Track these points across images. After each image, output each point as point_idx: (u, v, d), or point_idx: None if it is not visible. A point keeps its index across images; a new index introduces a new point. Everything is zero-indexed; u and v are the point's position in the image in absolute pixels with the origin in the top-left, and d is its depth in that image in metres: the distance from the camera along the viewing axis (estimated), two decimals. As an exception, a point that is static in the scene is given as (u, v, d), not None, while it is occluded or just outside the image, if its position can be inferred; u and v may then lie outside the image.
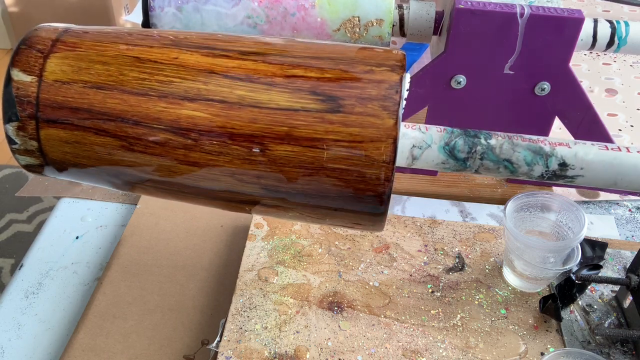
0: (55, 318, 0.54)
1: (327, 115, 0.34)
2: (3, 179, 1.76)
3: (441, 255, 0.56)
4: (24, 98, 0.36)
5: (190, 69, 0.35)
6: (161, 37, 0.37)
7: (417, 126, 0.38)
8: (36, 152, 0.37)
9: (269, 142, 0.34)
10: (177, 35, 0.38)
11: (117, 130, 0.36)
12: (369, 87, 0.34)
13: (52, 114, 0.36)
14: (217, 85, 0.35)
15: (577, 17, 0.54)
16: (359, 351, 0.48)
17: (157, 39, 0.37)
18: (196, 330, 0.51)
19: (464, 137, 0.37)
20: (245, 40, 0.37)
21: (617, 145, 0.37)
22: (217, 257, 0.58)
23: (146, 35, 0.38)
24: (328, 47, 0.37)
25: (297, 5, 0.54)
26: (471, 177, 0.68)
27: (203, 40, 0.37)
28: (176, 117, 0.35)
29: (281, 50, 0.37)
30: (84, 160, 0.37)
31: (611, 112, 0.80)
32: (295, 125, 0.34)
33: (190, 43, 0.37)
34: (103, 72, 0.36)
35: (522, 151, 0.37)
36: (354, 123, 0.34)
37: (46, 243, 0.61)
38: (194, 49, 0.36)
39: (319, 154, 0.34)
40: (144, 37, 0.37)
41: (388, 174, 0.34)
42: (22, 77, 0.36)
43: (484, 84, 0.59)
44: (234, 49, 0.36)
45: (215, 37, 0.38)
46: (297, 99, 0.34)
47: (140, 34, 0.38)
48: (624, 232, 0.63)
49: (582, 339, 0.49)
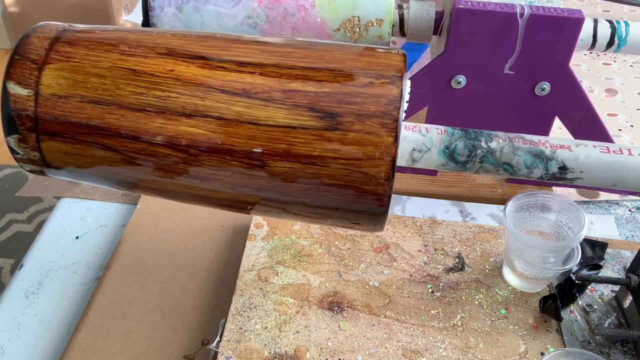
0: (55, 318, 0.54)
1: (325, 133, 0.34)
2: (3, 179, 1.76)
3: (441, 255, 0.56)
4: (22, 112, 0.36)
5: (186, 83, 0.35)
6: (156, 44, 0.37)
7: (417, 127, 0.38)
8: (39, 161, 0.38)
9: (268, 158, 0.34)
10: (171, 43, 0.37)
11: (117, 145, 0.36)
12: (368, 102, 0.34)
13: (51, 128, 0.36)
14: (215, 101, 0.35)
15: (577, 17, 0.54)
16: (359, 351, 0.48)
17: (152, 47, 0.37)
18: (196, 330, 0.51)
19: (465, 140, 0.37)
20: (243, 47, 0.37)
21: (620, 147, 0.37)
22: (217, 257, 0.58)
23: (141, 40, 0.37)
24: (327, 53, 0.36)
25: (297, 5, 0.54)
26: (471, 177, 0.68)
27: (200, 48, 0.36)
28: (175, 133, 0.35)
29: (279, 58, 0.36)
30: (86, 169, 0.38)
31: (611, 112, 0.80)
32: (293, 143, 0.34)
33: (186, 52, 0.36)
34: (99, 86, 0.36)
35: (522, 155, 0.37)
36: (352, 141, 0.34)
37: (46, 243, 0.61)
38: (189, 59, 0.36)
39: (318, 170, 0.34)
40: (138, 43, 0.37)
41: (386, 189, 0.34)
42: (18, 91, 0.36)
43: (484, 84, 0.59)
44: (230, 59, 0.36)
45: (213, 42, 0.37)
46: (295, 116, 0.34)
47: (134, 40, 0.37)
48: (624, 232, 0.63)
49: (582, 339, 0.49)
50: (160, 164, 0.36)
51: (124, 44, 0.37)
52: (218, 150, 0.35)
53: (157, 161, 0.36)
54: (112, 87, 0.36)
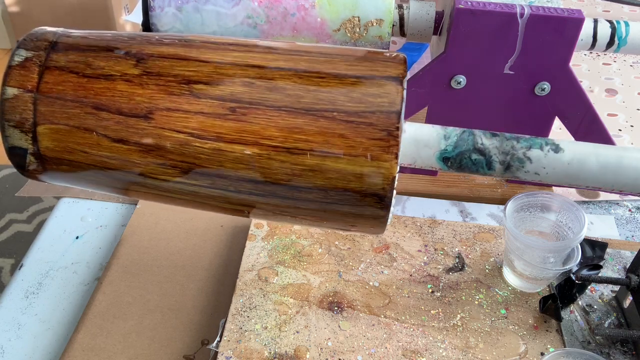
0: (55, 318, 0.54)
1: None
2: (3, 179, 1.76)
3: (441, 255, 0.56)
4: (29, 166, 0.37)
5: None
6: (135, 101, 0.35)
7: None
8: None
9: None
10: (152, 99, 0.35)
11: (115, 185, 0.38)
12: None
13: (56, 168, 0.38)
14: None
15: (577, 17, 0.54)
16: (359, 351, 0.48)
17: (134, 100, 0.35)
18: (196, 330, 0.51)
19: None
20: (229, 81, 0.35)
21: None
22: (217, 257, 0.58)
23: (124, 89, 0.36)
24: (324, 86, 0.35)
25: (297, 5, 0.54)
26: (471, 177, 0.68)
27: (178, 99, 0.35)
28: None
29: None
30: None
31: (611, 112, 0.80)
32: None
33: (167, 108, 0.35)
34: (93, 150, 0.36)
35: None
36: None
37: (46, 243, 0.61)
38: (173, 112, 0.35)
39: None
40: (122, 90, 0.36)
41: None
42: (22, 144, 0.37)
43: (484, 84, 0.59)
44: (218, 97, 0.35)
45: (198, 78, 0.36)
46: (294, 166, 0.35)
47: (120, 88, 0.36)
48: (624, 232, 0.63)
49: (582, 339, 0.49)
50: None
51: (107, 96, 0.36)
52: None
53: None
54: (103, 149, 0.37)
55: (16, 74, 0.36)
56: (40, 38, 0.37)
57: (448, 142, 0.37)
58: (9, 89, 0.36)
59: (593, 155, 0.37)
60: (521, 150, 0.37)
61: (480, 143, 0.37)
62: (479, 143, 0.37)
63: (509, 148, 0.37)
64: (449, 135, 0.38)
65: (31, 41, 0.37)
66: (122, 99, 0.35)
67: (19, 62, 0.36)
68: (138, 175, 0.36)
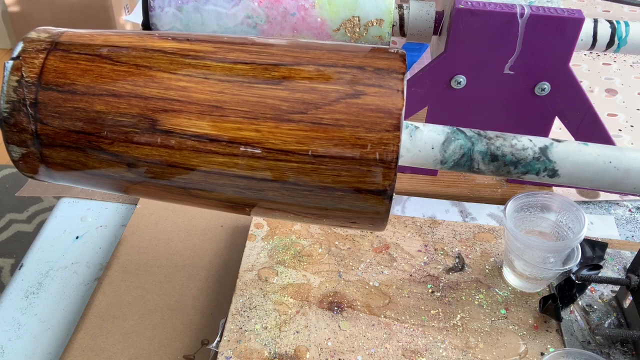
0: (55, 318, 0.54)
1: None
2: (3, 179, 1.76)
3: (441, 255, 0.56)
4: (36, 176, 0.39)
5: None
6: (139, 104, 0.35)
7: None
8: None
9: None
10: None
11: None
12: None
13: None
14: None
15: (577, 17, 0.54)
16: (359, 351, 0.48)
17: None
18: (196, 330, 0.51)
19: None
20: (227, 106, 0.35)
21: None
22: (217, 257, 0.58)
23: (114, 123, 0.35)
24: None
25: (297, 5, 0.54)
26: (471, 177, 0.68)
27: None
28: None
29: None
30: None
31: (611, 112, 0.80)
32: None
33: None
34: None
35: None
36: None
37: (46, 243, 0.61)
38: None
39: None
40: (113, 123, 0.35)
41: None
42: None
43: (484, 84, 0.59)
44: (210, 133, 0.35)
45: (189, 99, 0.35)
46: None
47: (114, 118, 0.36)
48: (624, 232, 0.63)
49: (582, 339, 0.49)
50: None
51: (105, 124, 0.36)
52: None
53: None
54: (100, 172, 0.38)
55: (17, 65, 0.36)
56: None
57: (444, 166, 0.38)
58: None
59: (588, 182, 0.37)
60: (516, 175, 0.37)
61: (476, 168, 0.37)
62: (475, 168, 0.37)
63: (504, 173, 0.38)
64: (447, 147, 0.38)
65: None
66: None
67: (20, 59, 0.36)
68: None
